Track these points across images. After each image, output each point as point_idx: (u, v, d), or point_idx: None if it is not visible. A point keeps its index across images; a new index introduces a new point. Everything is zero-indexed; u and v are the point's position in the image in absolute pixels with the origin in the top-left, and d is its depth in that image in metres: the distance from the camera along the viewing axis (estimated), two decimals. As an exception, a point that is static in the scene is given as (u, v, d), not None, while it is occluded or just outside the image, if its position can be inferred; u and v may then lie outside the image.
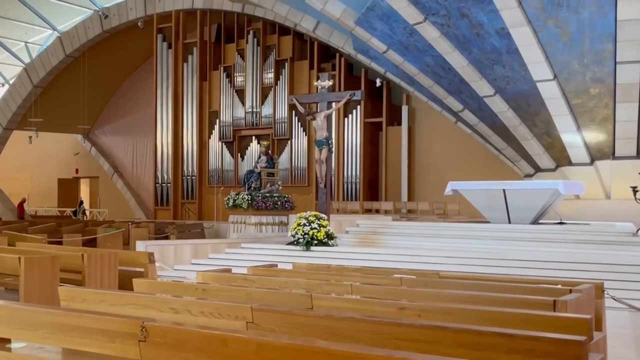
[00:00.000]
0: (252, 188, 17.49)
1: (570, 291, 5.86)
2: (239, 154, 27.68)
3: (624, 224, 15.50)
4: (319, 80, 16.06)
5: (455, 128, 23.96)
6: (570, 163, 20.76)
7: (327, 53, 26.20)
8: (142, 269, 9.82)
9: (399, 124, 25.35)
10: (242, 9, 26.73)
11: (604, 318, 6.51)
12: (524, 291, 5.92)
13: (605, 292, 6.93)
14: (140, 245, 13.76)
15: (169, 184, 29.06)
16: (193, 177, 28.66)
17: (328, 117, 16.00)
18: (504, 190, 15.06)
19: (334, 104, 16.09)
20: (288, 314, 4.50)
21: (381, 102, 25.21)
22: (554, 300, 5.17)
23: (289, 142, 26.31)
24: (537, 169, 21.94)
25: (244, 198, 16.81)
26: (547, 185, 15.02)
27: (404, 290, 6.01)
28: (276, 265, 8.35)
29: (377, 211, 22.08)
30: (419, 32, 19.02)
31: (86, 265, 8.96)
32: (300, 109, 16.39)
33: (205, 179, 28.49)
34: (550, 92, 18.94)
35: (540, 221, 15.73)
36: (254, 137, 27.16)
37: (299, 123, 26.12)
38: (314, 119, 15.87)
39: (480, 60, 19.18)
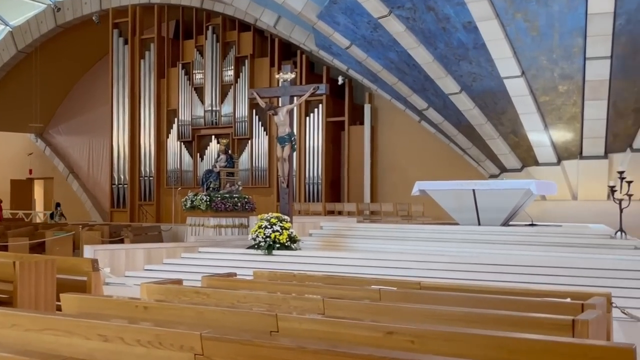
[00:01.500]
0: (211, 188, 16.29)
1: (583, 306, 4.86)
2: (198, 154, 26.33)
3: (597, 226, 14.72)
4: (281, 73, 14.96)
5: (419, 127, 23.04)
6: (536, 163, 19.97)
7: (289, 50, 25.08)
8: (84, 278, 8.59)
9: (362, 123, 24.35)
10: (201, 4, 25.47)
11: (612, 335, 5.54)
12: (529, 307, 4.90)
13: (613, 303, 5.95)
14: (88, 251, 12.50)
15: (125, 185, 27.63)
16: (151, 178, 27.28)
17: (290, 112, 14.90)
18: (473, 190, 14.11)
19: (296, 98, 14.99)
20: (247, 345, 3.40)
21: (343, 101, 24.17)
22: (573, 320, 4.16)
23: (249, 141, 25.09)
24: (503, 169, 21.11)
25: (202, 199, 15.61)
26: (519, 185, 14.11)
27: (385, 306, 4.93)
28: (235, 274, 7.23)
29: (340, 213, 21.02)
30: (384, 27, 18.02)
31: (18, 275, 7.68)
32: (261, 103, 15.26)
33: (163, 180, 27.11)
34: (517, 89, 18.11)
35: (511, 223, 14.82)
36: (213, 137, 25.87)
37: (260, 122, 24.94)
38: (276, 114, 14.76)
39: (446, 56, 18.25)
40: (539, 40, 16.93)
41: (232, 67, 25.31)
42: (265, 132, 24.81)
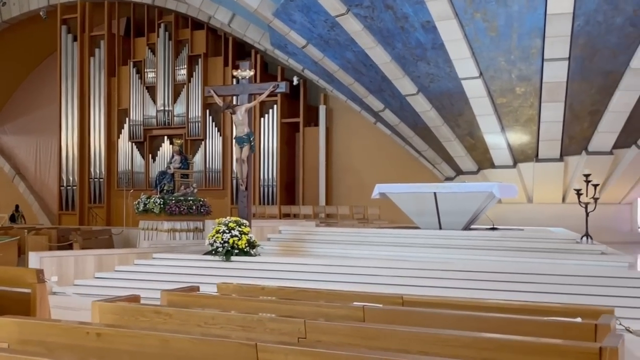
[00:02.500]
0: (165, 191, 15.35)
1: (596, 327, 4.25)
2: (150, 155, 25.25)
3: (560, 230, 14.31)
4: (239, 70, 14.11)
5: (375, 129, 22.48)
6: (492, 165, 19.55)
7: (243, 50, 24.24)
8: (28, 291, 7.67)
9: (316, 124, 23.69)
10: (153, 1, 24.46)
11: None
12: (538, 329, 4.26)
13: (618, 321, 5.37)
14: (34, 258, 11.49)
15: (74, 187, 26.37)
16: (101, 180, 26.09)
17: (249, 112, 14.09)
18: (434, 193, 13.50)
19: (255, 96, 14.19)
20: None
21: (298, 102, 23.45)
22: (600, 348, 3.53)
23: (202, 142, 24.16)
24: (459, 172, 20.67)
25: (156, 202, 14.66)
26: (481, 188, 13.55)
27: (374, 330, 4.23)
28: (197, 288, 6.44)
29: (296, 216, 20.29)
30: (341, 25, 17.37)
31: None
32: (219, 101, 14.40)
33: (114, 182, 25.95)
34: (475, 91, 17.66)
35: (472, 227, 14.29)
36: (166, 137, 24.83)
37: (214, 123, 24.02)
38: (234, 113, 13.91)
39: (404, 56, 17.69)
40: (498, 41, 16.50)
41: (185, 66, 24.34)
42: (219, 133, 23.91)
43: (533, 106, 17.77)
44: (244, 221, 12.57)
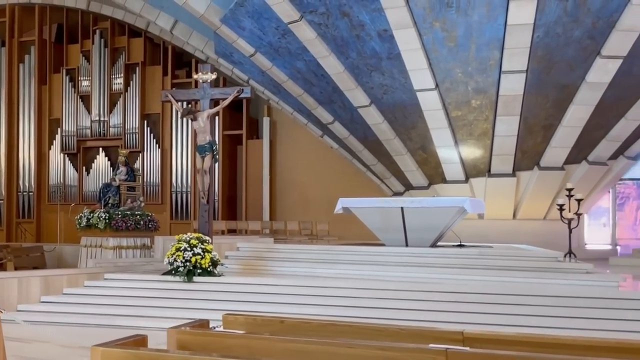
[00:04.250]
0: (110, 205, 13.52)
1: None
2: (84, 168, 23.16)
3: (530, 247, 13.17)
4: (200, 74, 12.48)
5: (320, 143, 21.09)
6: (444, 180, 18.39)
7: (182, 59, 22.51)
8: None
9: (259, 137, 22.14)
10: (87, 6, 22.49)
11: None
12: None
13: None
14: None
15: (1, 201, 24.02)
16: (30, 193, 23.83)
17: (212, 118, 12.47)
18: (402, 208, 12.14)
19: (218, 101, 12.59)
20: None
21: (241, 114, 21.85)
22: None
23: (140, 154, 22.24)
24: (409, 187, 19.44)
25: (101, 217, 12.80)
26: (452, 203, 12.30)
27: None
28: (207, 323, 4.88)
29: (245, 231, 18.64)
30: (293, 33, 15.94)
31: None
32: (177, 107, 12.71)
33: (44, 196, 23.70)
34: (430, 103, 16.48)
35: (439, 244, 12.98)
36: (101, 149, 22.81)
37: (152, 134, 22.17)
38: (195, 119, 12.25)
39: (357, 66, 16.36)
40: (456, 52, 15.38)
41: (122, 75, 22.42)
42: (157, 145, 22.06)
43: (488, 120, 16.72)
44: (207, 238, 10.94)
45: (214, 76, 12.31)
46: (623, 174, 19.80)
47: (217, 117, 21.44)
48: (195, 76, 12.46)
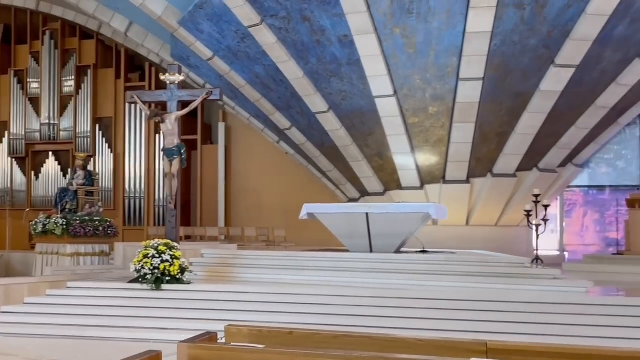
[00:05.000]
0: (67, 210, 12.86)
1: None
2: (32, 172, 22.25)
3: (495, 253, 13.12)
4: (167, 75, 12.00)
5: (275, 149, 20.77)
6: (399, 187, 18.28)
7: (135, 62, 21.89)
8: None
9: (213, 142, 21.68)
10: (37, 6, 21.66)
11: None
12: None
13: None
14: None
15: (-58, 206, 22.92)
16: (-27, 199, 22.82)
17: (179, 121, 12.02)
18: (366, 214, 11.91)
19: (185, 103, 12.13)
20: None
21: (196, 119, 21.34)
22: None
23: (92, 159, 21.47)
24: (364, 193, 19.27)
25: (58, 222, 12.13)
26: (417, 209, 12.12)
27: None
28: (215, 336, 4.48)
29: (200, 238, 18.13)
30: (253, 37, 15.61)
31: None
32: (144, 109, 12.20)
33: (-12, 201, 22.73)
34: (388, 110, 16.36)
35: (402, 250, 12.79)
36: (51, 153, 21.96)
37: (104, 138, 21.46)
38: (163, 121, 11.78)
39: (317, 71, 16.13)
40: (415, 59, 15.30)
41: (73, 77, 21.65)
42: (110, 149, 21.37)
43: (444, 127, 16.70)
44: (175, 244, 10.45)
45: (182, 77, 11.89)
46: (571, 181, 20.06)
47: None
48: (162, 77, 11.98)
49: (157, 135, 21.05)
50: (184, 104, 11.93)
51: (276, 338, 4.37)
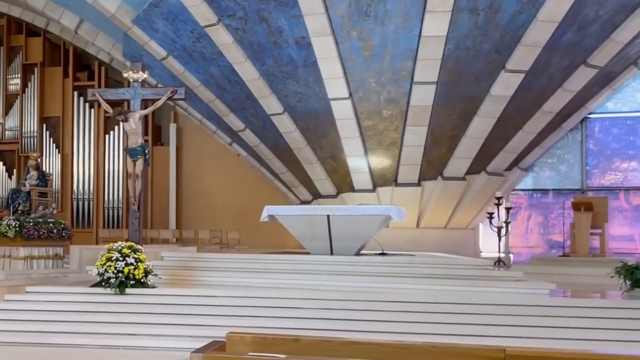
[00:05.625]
0: (20, 212, 12.22)
1: None
2: (-25, 173, 21.39)
3: (455, 256, 13.09)
4: (130, 72, 11.57)
5: (227, 151, 20.42)
6: (352, 189, 18.18)
7: (85, 60, 21.21)
8: None
9: (163, 144, 21.18)
10: (-20, 2, 20.88)
11: None
12: None
13: None
14: None
15: None
16: None
17: (143, 120, 11.61)
18: (328, 216, 11.72)
19: (151, 102, 11.71)
20: None
21: (146, 119, 20.73)
22: None
23: (38, 160, 20.67)
24: (317, 195, 19.10)
25: (10, 224, 11.49)
26: (379, 211, 12.03)
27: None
28: (224, 345, 4.18)
29: (151, 240, 17.63)
30: (209, 37, 15.28)
31: None
32: (106, 107, 11.73)
33: None
34: (343, 112, 16.25)
35: (362, 252, 12.64)
36: (-6, 154, 21.18)
37: (51, 138, 20.73)
38: (126, 120, 11.34)
39: (273, 73, 15.90)
40: (371, 61, 15.23)
41: (19, 75, 20.87)
42: (57, 150, 20.63)
43: (397, 130, 16.68)
44: (139, 247, 10.01)
45: (145, 75, 11.49)
46: (516, 185, 20.31)
47: (121, 123, 20.32)
48: (125, 74, 11.57)
49: (107, 136, 20.47)
50: (147, 103, 11.52)
51: (281, 346, 4.13)
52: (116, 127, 20.52)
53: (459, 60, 15.15)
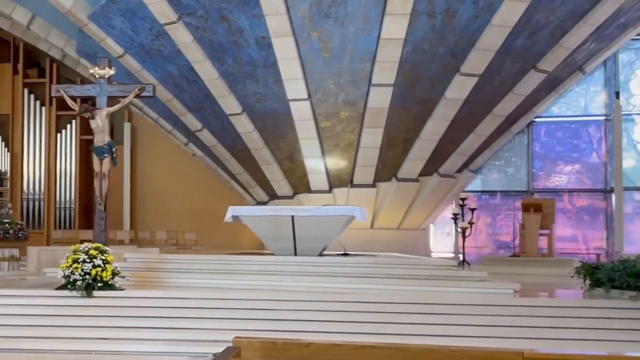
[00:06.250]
0: (-24, 212, 11.68)
1: None
2: None
3: (419, 256, 13.08)
4: (96, 68, 11.14)
5: (182, 151, 20.03)
6: (308, 190, 18.07)
7: (35, 56, 20.49)
8: None
9: (120, 143, 20.63)
10: None
11: None
12: None
13: None
14: None
15: None
16: None
17: (110, 117, 11.19)
18: (292, 217, 11.55)
19: (117, 99, 11.31)
20: None
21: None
22: None
23: (-14, 159, 19.95)
24: (273, 196, 18.90)
25: (-35, 225, 10.98)
26: (343, 212, 11.91)
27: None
28: (239, 352, 3.90)
29: (109, 241, 17.03)
30: (169, 35, 14.94)
31: None
32: (71, 104, 11.27)
33: None
34: (301, 113, 16.14)
35: (324, 253, 12.50)
36: None
37: (0, 137, 19.92)
38: (93, 117, 10.94)
39: (233, 72, 15.66)
40: (330, 63, 15.16)
41: (-34, 72, 20.03)
42: (7, 149, 19.87)
43: (354, 131, 16.65)
44: (106, 248, 9.59)
45: (112, 71, 11.10)
46: (466, 186, 20.53)
47: (73, 121, 19.76)
48: (91, 70, 11.15)
49: (58, 135, 19.82)
50: (113, 100, 11.15)
51: (292, 351, 3.93)
52: (68, 126, 19.89)
53: (415, 63, 15.20)
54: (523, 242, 17.44)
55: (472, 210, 13.49)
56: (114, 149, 11.05)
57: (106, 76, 11.12)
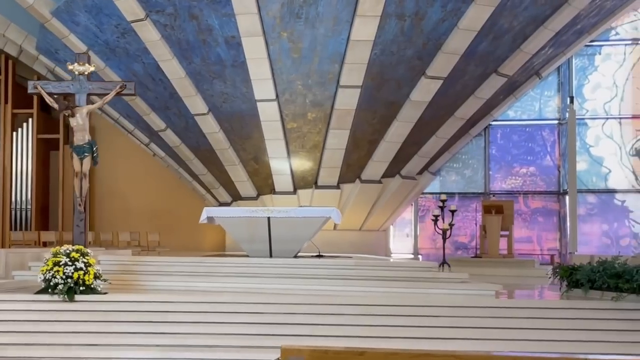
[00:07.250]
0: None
1: None
2: None
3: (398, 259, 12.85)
4: (76, 64, 10.52)
5: (142, 151, 19.37)
6: (273, 191, 17.73)
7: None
8: None
9: (76, 143, 19.81)
10: None
11: None
12: None
13: None
14: None
15: None
16: None
17: (91, 115, 10.60)
18: (268, 218, 11.19)
19: (98, 97, 10.73)
20: None
21: (57, 116, 19.39)
22: None
23: (-64, 158, 18.86)
24: (237, 198, 18.46)
25: None
26: (320, 213, 11.63)
27: None
28: None
29: (69, 243, 16.31)
30: (135, 32, 14.38)
31: None
32: (50, 101, 10.61)
33: None
34: (268, 114, 15.78)
35: (299, 254, 12.17)
36: None
37: (-45, 137, 18.92)
38: (73, 115, 10.32)
39: (200, 72, 15.19)
40: (299, 64, 14.86)
41: None
42: (-36, 149, 18.86)
43: (320, 133, 16.40)
44: (88, 251, 9.02)
45: (92, 68, 10.52)
46: (425, 188, 20.50)
47: (30, 119, 18.89)
48: (70, 67, 10.53)
49: (14, 133, 18.90)
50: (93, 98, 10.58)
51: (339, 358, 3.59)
52: (24, 124, 18.99)
53: (383, 65, 15.04)
54: (484, 243, 17.47)
55: (453, 212, 13.37)
56: (94, 148, 10.49)
57: (86, 73, 10.53)
